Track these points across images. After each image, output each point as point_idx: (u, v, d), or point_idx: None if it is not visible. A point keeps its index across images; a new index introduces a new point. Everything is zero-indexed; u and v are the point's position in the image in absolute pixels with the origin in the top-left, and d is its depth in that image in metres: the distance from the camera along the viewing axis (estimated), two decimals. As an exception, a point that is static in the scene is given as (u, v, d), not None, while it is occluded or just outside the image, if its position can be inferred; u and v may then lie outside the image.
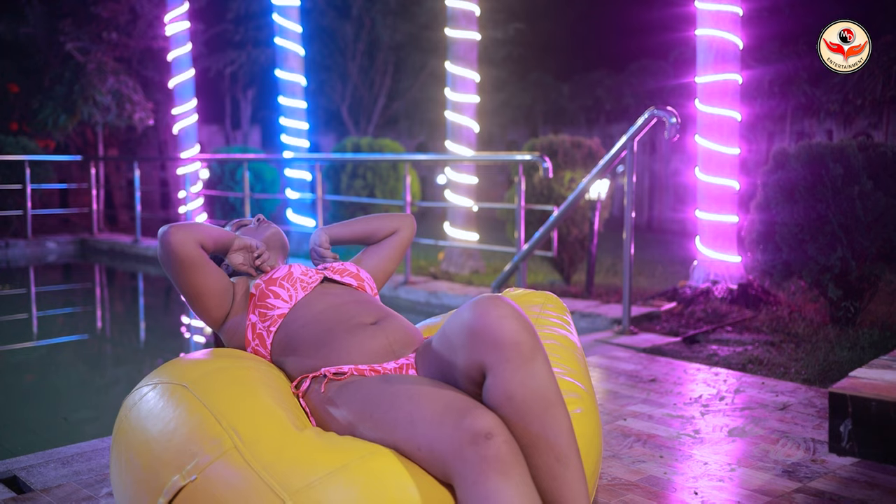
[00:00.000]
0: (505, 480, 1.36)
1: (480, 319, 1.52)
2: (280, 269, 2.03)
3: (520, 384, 1.48)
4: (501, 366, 1.49)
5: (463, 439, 1.40)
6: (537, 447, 1.48)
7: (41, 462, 2.40)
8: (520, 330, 1.51)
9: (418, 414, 1.52)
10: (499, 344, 1.49)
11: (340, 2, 13.54)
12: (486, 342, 1.51)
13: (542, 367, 1.51)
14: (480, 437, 1.39)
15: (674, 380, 3.45)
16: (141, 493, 1.59)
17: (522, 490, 1.37)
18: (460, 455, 1.40)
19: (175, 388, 1.69)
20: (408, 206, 5.98)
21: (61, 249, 10.31)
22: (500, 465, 1.37)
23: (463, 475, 1.39)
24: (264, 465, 1.48)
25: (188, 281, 1.90)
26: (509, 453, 1.39)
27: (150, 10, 11.86)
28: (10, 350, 5.24)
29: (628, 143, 4.26)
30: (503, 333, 1.50)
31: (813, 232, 4.27)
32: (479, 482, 1.36)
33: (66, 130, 11.71)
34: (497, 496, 1.34)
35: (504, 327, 1.50)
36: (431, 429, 1.47)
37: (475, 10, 7.01)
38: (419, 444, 1.48)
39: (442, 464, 1.44)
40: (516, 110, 14.17)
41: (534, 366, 1.50)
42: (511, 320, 1.51)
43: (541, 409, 1.48)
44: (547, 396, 1.50)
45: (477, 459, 1.37)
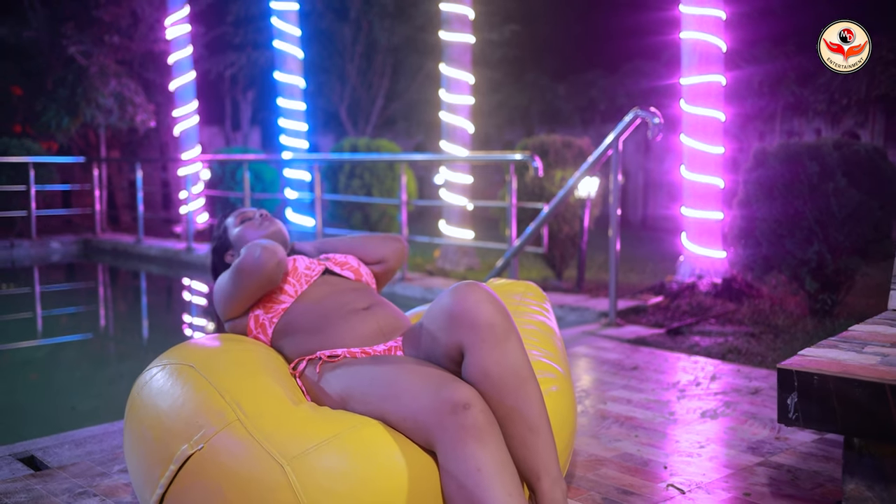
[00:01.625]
0: (481, 446, 1.52)
1: (459, 304, 1.69)
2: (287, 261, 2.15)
3: (495, 362, 1.65)
4: (478, 345, 1.66)
5: (443, 409, 1.57)
6: (512, 419, 1.64)
7: (56, 444, 2.57)
8: (494, 313, 1.68)
9: (404, 388, 1.69)
10: (475, 325, 1.67)
11: (339, 4, 13.70)
12: (463, 324, 1.68)
13: (514, 347, 1.68)
14: (459, 408, 1.55)
15: (654, 368, 3.62)
16: (153, 462, 1.76)
17: (497, 455, 1.53)
18: (441, 424, 1.56)
19: (183, 368, 1.86)
20: (403, 204, 6.15)
21: (65, 249, 10.47)
22: (476, 433, 1.53)
23: (444, 441, 1.55)
24: (265, 435, 1.65)
25: (254, 293, 2.05)
26: (485, 422, 1.55)
27: (150, 13, 12.03)
28: (18, 348, 5.41)
29: (614, 142, 4.43)
30: (479, 316, 1.67)
31: (790, 227, 4.45)
32: (458, 447, 1.53)
33: (69, 132, 11.88)
34: (474, 459, 1.51)
35: (480, 311, 1.68)
36: (415, 401, 1.64)
37: (469, 14, 7.19)
38: (404, 416, 1.65)
39: (425, 432, 1.60)
40: (512, 111, 14.35)
41: (507, 345, 1.67)
42: (486, 304, 1.69)
43: (514, 385, 1.65)
44: (520, 373, 1.66)
45: (456, 427, 1.54)
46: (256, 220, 2.34)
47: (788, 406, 1.90)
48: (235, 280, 2.03)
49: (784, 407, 1.90)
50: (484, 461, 1.51)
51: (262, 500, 1.59)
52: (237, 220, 2.37)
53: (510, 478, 1.52)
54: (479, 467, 1.50)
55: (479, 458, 1.51)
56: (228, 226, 2.38)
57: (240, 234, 2.32)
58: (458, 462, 1.52)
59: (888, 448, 1.85)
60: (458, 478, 1.51)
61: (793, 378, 1.87)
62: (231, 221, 2.39)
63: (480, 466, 1.50)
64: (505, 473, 1.52)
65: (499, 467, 1.51)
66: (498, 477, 1.50)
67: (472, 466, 1.50)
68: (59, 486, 2.20)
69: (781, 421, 1.92)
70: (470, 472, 1.50)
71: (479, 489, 1.48)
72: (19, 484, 2.22)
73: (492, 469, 1.50)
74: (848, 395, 1.78)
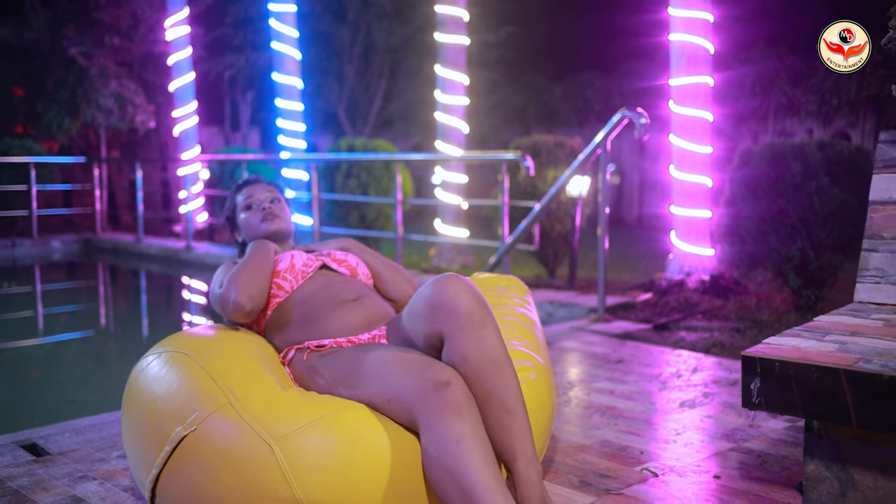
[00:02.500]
0: (460, 420, 1.62)
1: (439, 294, 1.80)
2: (283, 258, 2.23)
3: (472, 348, 1.75)
4: (456, 332, 1.77)
5: (426, 387, 1.67)
6: (489, 402, 1.74)
7: (57, 432, 2.67)
8: (472, 302, 1.79)
9: (388, 371, 1.79)
10: (454, 314, 1.77)
11: (337, 6, 13.82)
12: (443, 312, 1.79)
13: (491, 334, 1.78)
14: (441, 385, 1.66)
15: (639, 361, 3.73)
16: (149, 444, 1.86)
17: (475, 430, 1.63)
18: (424, 400, 1.66)
19: (178, 356, 1.96)
20: (398, 203, 6.26)
21: (66, 249, 10.58)
22: (456, 408, 1.63)
23: (426, 416, 1.65)
24: (254, 417, 1.75)
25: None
26: (464, 399, 1.66)
27: (150, 14, 12.14)
28: (20, 346, 5.52)
29: (602, 142, 4.53)
30: (458, 305, 1.78)
31: (775, 225, 4.55)
32: (439, 422, 1.62)
33: (70, 133, 12.00)
34: (453, 433, 1.60)
35: (459, 300, 1.78)
36: (399, 382, 1.74)
37: (464, 16, 7.29)
38: (389, 397, 1.75)
39: (408, 410, 1.70)
40: (510, 111, 14.46)
41: (484, 332, 1.77)
42: (465, 294, 1.79)
43: (491, 369, 1.75)
44: (496, 359, 1.76)
45: (438, 403, 1.64)
46: (261, 203, 2.38)
47: (752, 391, 2.00)
48: (216, 304, 2.15)
49: (748, 392, 2.01)
50: (463, 434, 1.60)
51: (252, 478, 1.69)
52: (244, 203, 2.39)
53: (487, 451, 1.62)
54: (457, 440, 1.59)
55: (457, 432, 1.60)
56: (237, 205, 2.42)
57: (245, 221, 2.38)
58: (439, 435, 1.62)
59: (844, 430, 1.95)
60: (437, 449, 1.61)
61: (756, 364, 1.97)
62: (240, 201, 2.41)
63: (459, 439, 1.60)
64: (482, 447, 1.61)
65: (476, 441, 1.61)
66: (475, 449, 1.59)
67: (452, 438, 1.60)
68: (60, 471, 2.31)
69: (746, 405, 2.02)
70: (449, 444, 1.59)
71: (458, 460, 1.58)
72: (22, 469, 2.32)
73: (470, 442, 1.60)
74: (806, 379, 1.88)
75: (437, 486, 1.63)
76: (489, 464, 1.59)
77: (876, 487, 1.91)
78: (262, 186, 2.44)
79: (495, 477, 1.59)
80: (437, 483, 1.62)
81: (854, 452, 1.94)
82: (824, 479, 1.99)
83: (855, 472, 1.94)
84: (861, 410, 1.81)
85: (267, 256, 2.19)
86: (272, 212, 2.35)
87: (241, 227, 2.40)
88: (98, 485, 2.20)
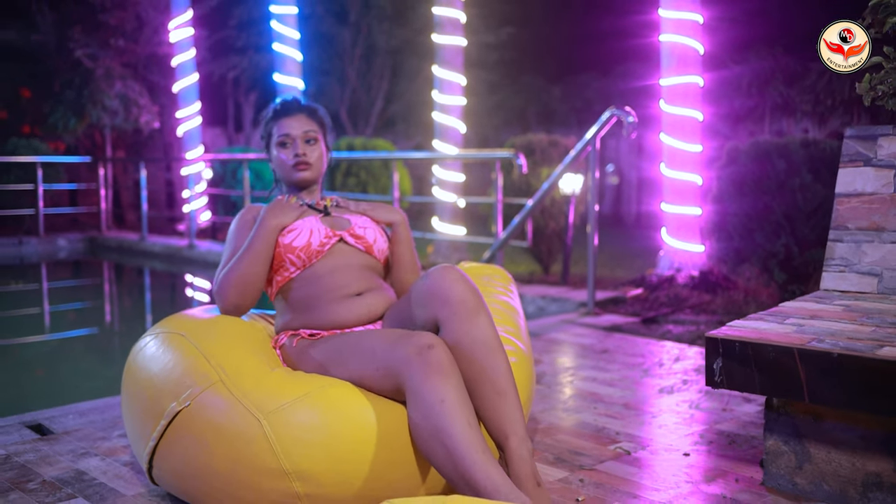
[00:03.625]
0: (444, 381, 1.74)
1: (434, 284, 1.92)
2: (301, 232, 2.16)
3: (465, 333, 1.87)
4: (450, 319, 1.88)
5: (411, 351, 1.79)
6: (481, 384, 1.84)
7: (61, 414, 2.80)
8: (465, 291, 1.91)
9: (376, 344, 1.91)
10: (448, 301, 1.89)
11: (339, 8, 13.97)
12: (438, 301, 1.90)
13: (484, 321, 1.90)
14: (424, 348, 1.77)
15: (624, 351, 3.85)
16: (147, 419, 1.99)
17: (458, 390, 1.74)
18: (409, 363, 1.78)
19: (174, 336, 2.09)
20: (396, 201, 6.39)
21: (72, 247, 10.74)
22: (440, 369, 1.75)
23: (412, 379, 1.77)
24: (244, 394, 1.87)
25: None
26: (447, 362, 1.77)
27: (155, 17, 12.30)
28: (28, 343, 5.66)
29: (591, 140, 4.66)
30: (452, 293, 1.89)
31: (760, 221, 4.67)
32: (424, 382, 1.74)
33: (76, 133, 12.18)
34: (438, 393, 1.72)
35: (453, 289, 1.90)
36: (387, 351, 1.86)
37: (461, 17, 7.42)
38: (377, 366, 1.87)
39: (395, 376, 1.82)
40: (509, 112, 14.60)
41: (477, 319, 1.89)
42: (459, 283, 1.91)
43: (483, 353, 1.86)
44: (488, 342, 1.87)
45: (422, 364, 1.76)
46: (293, 156, 2.25)
47: (714, 370, 2.12)
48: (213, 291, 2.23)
49: (711, 371, 2.13)
50: (447, 394, 1.72)
51: (242, 450, 1.81)
52: (278, 139, 2.27)
53: (469, 411, 1.73)
54: (442, 399, 1.71)
55: (442, 392, 1.72)
56: (272, 136, 2.30)
57: (277, 158, 2.29)
58: (424, 395, 1.73)
59: (800, 407, 2.07)
60: (423, 409, 1.72)
61: (718, 345, 2.10)
62: (275, 134, 2.28)
63: (444, 398, 1.71)
64: (465, 406, 1.72)
65: (459, 401, 1.72)
66: (459, 408, 1.71)
67: (437, 398, 1.71)
68: (64, 448, 2.44)
69: (709, 384, 2.15)
70: (434, 404, 1.71)
71: (442, 418, 1.69)
72: (28, 446, 2.46)
73: (454, 401, 1.71)
74: (763, 358, 2.00)
75: (423, 445, 1.74)
76: (472, 422, 1.71)
77: (829, 460, 2.03)
78: (300, 120, 2.28)
79: (480, 437, 1.70)
80: (423, 441, 1.74)
81: (809, 428, 2.06)
82: (782, 453, 2.12)
83: (810, 446, 2.06)
84: (813, 387, 1.93)
85: (267, 249, 2.14)
86: (306, 159, 2.25)
87: (273, 161, 2.31)
88: (99, 460, 2.33)
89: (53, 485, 2.15)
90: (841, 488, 2.01)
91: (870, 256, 2.56)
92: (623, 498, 2.07)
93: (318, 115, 2.34)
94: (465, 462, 1.66)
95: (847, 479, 2.00)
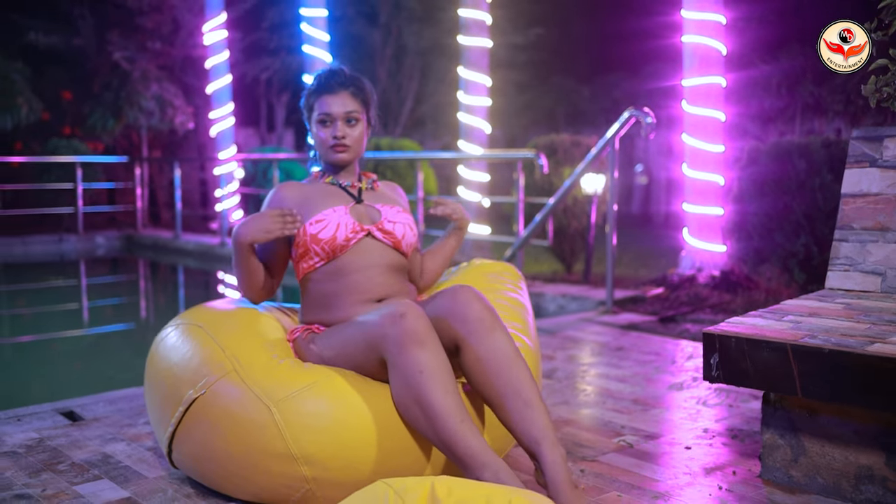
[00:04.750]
0: (422, 349, 1.82)
1: (452, 304, 1.99)
2: (328, 223, 2.15)
3: (485, 349, 1.93)
4: (470, 337, 1.95)
5: (385, 323, 1.88)
6: (507, 396, 1.90)
7: (92, 402, 2.95)
8: (482, 309, 1.98)
9: (358, 323, 2.03)
10: (466, 320, 1.96)
11: (369, 10, 14.14)
12: (457, 321, 1.97)
13: (501, 336, 1.96)
14: (396, 317, 1.86)
15: (639, 349, 3.90)
16: (167, 405, 2.10)
17: (436, 358, 1.82)
18: (385, 334, 1.87)
19: (193, 328, 2.20)
20: (420, 201, 6.49)
21: (109, 244, 11.02)
22: (416, 337, 1.83)
23: (390, 350, 1.86)
24: (255, 382, 1.98)
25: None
26: (423, 329, 1.84)
27: (190, 20, 12.55)
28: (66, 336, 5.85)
29: (610, 141, 4.71)
30: (469, 313, 1.97)
31: (780, 221, 4.69)
32: (402, 353, 1.83)
33: (114, 133, 12.48)
34: (416, 363, 1.81)
35: (470, 308, 1.97)
36: (365, 326, 1.97)
37: (486, 19, 7.50)
38: (359, 343, 1.98)
39: (377, 349, 1.91)
40: (538, 112, 14.64)
41: (495, 335, 1.95)
42: (475, 302, 1.99)
43: (505, 366, 1.92)
44: (508, 355, 1.93)
45: (398, 334, 1.84)
46: (332, 137, 2.24)
47: (712, 365, 2.19)
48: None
49: (708, 366, 2.20)
50: (425, 364, 1.80)
51: (254, 435, 1.92)
52: (318, 117, 2.25)
53: (448, 377, 1.81)
54: (420, 370, 1.80)
55: (420, 362, 1.81)
56: (313, 111, 2.27)
57: (317, 136, 2.28)
58: (403, 366, 1.82)
59: (796, 402, 2.13)
60: (403, 379, 1.82)
61: (715, 341, 2.17)
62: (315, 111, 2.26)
63: (422, 369, 1.80)
64: (443, 374, 1.81)
65: (438, 369, 1.81)
66: (436, 377, 1.79)
67: (415, 369, 1.80)
68: (93, 433, 2.57)
69: (706, 378, 2.21)
70: (413, 374, 1.80)
71: (421, 388, 1.78)
72: (60, 431, 2.59)
73: (432, 370, 1.80)
74: (758, 354, 2.06)
75: (404, 413, 1.84)
76: (449, 389, 1.79)
77: (823, 453, 2.08)
78: (343, 99, 2.23)
79: (459, 405, 1.79)
80: (404, 410, 1.84)
81: (804, 422, 2.12)
82: (779, 446, 2.17)
83: (805, 440, 2.12)
84: (805, 382, 1.99)
85: (246, 262, 2.18)
86: (345, 142, 2.23)
87: (312, 136, 2.31)
88: (125, 445, 2.46)
89: (82, 466, 2.27)
90: (834, 481, 2.06)
91: (874, 256, 2.60)
92: (621, 487, 2.15)
93: (363, 93, 2.26)
94: (444, 430, 1.75)
95: (840, 472, 2.05)
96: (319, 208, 2.19)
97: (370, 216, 2.25)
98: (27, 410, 2.83)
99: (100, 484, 2.15)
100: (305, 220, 2.17)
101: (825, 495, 2.07)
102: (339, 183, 2.30)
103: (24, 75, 11.48)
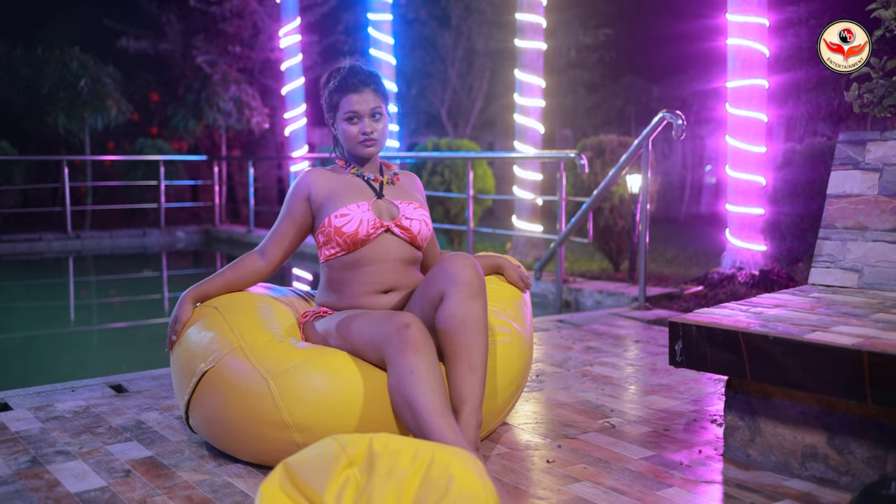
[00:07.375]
0: (416, 355, 2.05)
1: (448, 265, 2.24)
2: (352, 218, 2.37)
3: (461, 310, 2.17)
4: (453, 294, 2.19)
5: (391, 330, 2.12)
6: (459, 355, 2.15)
7: (138, 377, 3.29)
8: (472, 276, 2.22)
9: (366, 323, 2.26)
10: (456, 280, 2.20)
11: (441, 13, 14.44)
12: (448, 278, 2.21)
13: (480, 304, 2.20)
14: (402, 327, 2.10)
15: (655, 342, 4.03)
16: (183, 376, 2.40)
17: (428, 364, 2.05)
18: (389, 340, 2.11)
19: (208, 309, 2.49)
20: (470, 199, 6.71)
21: (188, 238, 11.66)
22: (414, 345, 2.06)
23: (391, 353, 2.09)
24: (257, 358, 2.25)
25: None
26: (422, 339, 2.08)
27: (269, 24, 13.11)
28: (148, 324, 6.33)
29: (644, 142, 4.84)
30: (461, 275, 2.20)
31: (812, 222, 4.72)
32: (399, 356, 2.06)
33: (195, 133, 13.16)
34: (409, 365, 2.03)
35: (463, 272, 2.21)
36: (373, 327, 2.20)
37: (542, 23, 7.67)
38: (366, 341, 2.21)
39: (379, 349, 2.15)
40: (609, 112, 14.67)
41: (475, 301, 2.20)
42: (468, 268, 2.23)
43: (470, 331, 2.17)
44: (475, 323, 2.18)
45: (399, 341, 2.08)
46: (361, 133, 2.41)
47: (676, 351, 2.35)
48: None
49: (673, 352, 2.36)
50: (417, 366, 2.03)
51: (253, 405, 2.19)
52: (345, 114, 2.41)
53: (436, 380, 2.03)
54: (412, 371, 2.02)
55: (413, 364, 2.03)
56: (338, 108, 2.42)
57: (343, 132, 2.43)
58: (398, 366, 2.05)
59: (753, 386, 2.28)
60: (396, 378, 2.05)
61: (678, 329, 2.33)
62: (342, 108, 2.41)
63: (413, 370, 2.02)
64: (432, 377, 2.02)
65: (428, 372, 2.03)
66: (426, 378, 2.01)
67: (408, 370, 2.03)
68: (133, 403, 2.91)
69: (671, 363, 2.38)
70: (405, 374, 2.03)
71: (410, 387, 2.01)
72: (105, 401, 2.94)
73: (423, 372, 2.02)
74: (714, 340, 2.22)
75: (395, 409, 2.07)
76: (435, 389, 2.00)
77: (775, 434, 2.23)
78: (368, 97, 2.40)
79: (441, 401, 1.99)
80: (395, 406, 2.07)
81: (760, 405, 2.27)
82: (738, 427, 2.32)
83: (760, 422, 2.27)
84: (753, 366, 2.14)
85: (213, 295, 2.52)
86: (374, 136, 2.41)
87: (338, 131, 2.45)
88: (158, 414, 2.78)
89: (117, 430, 2.60)
90: (784, 459, 2.21)
91: (853, 253, 2.70)
92: (590, 461, 2.33)
93: (382, 89, 2.45)
94: (425, 422, 1.97)
95: (789, 451, 2.19)
96: (345, 202, 2.41)
97: (390, 212, 2.46)
98: (81, 383, 3.19)
99: (129, 445, 2.47)
100: (330, 211, 2.40)
101: (776, 472, 2.22)
102: (363, 175, 2.51)
103: (115, 78, 12.20)
